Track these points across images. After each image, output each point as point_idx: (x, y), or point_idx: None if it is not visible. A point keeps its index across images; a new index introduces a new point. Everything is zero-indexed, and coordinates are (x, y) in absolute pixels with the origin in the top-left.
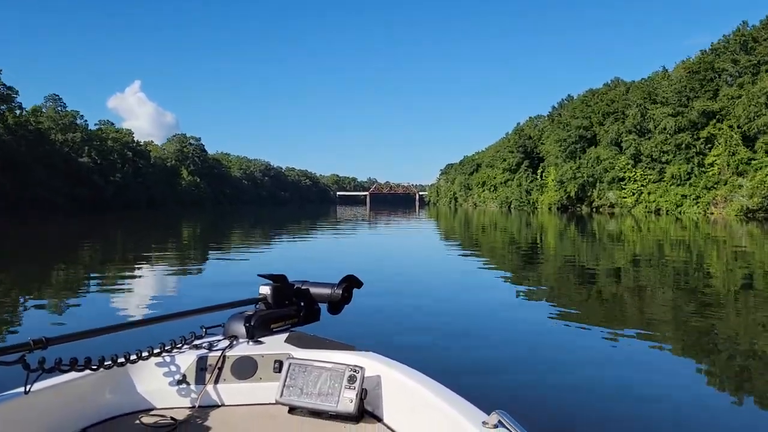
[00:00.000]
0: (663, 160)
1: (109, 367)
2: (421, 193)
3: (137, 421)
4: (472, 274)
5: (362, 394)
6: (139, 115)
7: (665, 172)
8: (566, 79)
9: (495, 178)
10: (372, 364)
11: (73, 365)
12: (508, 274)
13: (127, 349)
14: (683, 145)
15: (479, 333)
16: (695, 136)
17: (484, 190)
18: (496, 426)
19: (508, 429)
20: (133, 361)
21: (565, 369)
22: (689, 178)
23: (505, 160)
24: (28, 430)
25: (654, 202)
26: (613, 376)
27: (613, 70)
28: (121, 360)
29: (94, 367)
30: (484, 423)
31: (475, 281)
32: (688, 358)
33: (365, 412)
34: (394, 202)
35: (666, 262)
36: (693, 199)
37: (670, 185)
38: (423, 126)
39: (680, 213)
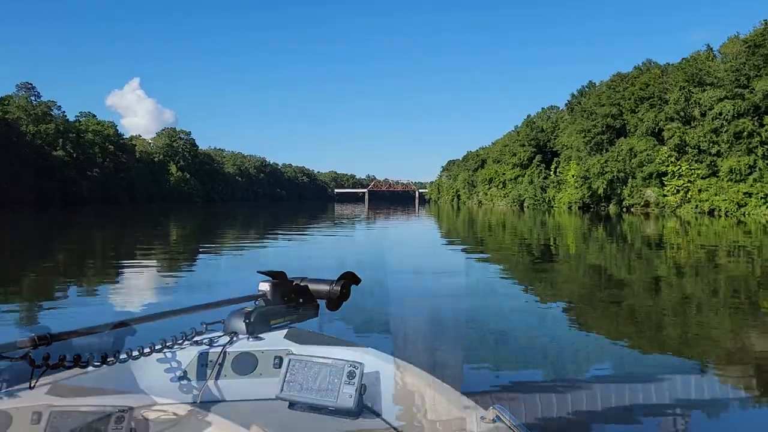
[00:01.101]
0: (713, 151)
1: (111, 363)
2: (420, 190)
3: (139, 417)
4: (473, 273)
5: (361, 390)
6: (138, 112)
7: (718, 166)
8: (571, 72)
9: (504, 174)
10: (371, 360)
11: (77, 361)
12: (512, 274)
13: (129, 345)
14: (744, 134)
15: (478, 330)
16: (758, 123)
17: (491, 188)
18: (493, 421)
19: (505, 424)
20: (135, 358)
21: (564, 367)
22: (751, 173)
23: (515, 154)
24: (33, 425)
25: (707, 201)
26: (614, 375)
27: (615, 63)
28: (123, 356)
29: (97, 363)
30: (482, 418)
31: (476, 279)
32: (711, 370)
33: (364, 407)
34: (393, 199)
35: (718, 270)
36: (761, 198)
37: (727, 181)
38: (422, 122)
39: (744, 215)
